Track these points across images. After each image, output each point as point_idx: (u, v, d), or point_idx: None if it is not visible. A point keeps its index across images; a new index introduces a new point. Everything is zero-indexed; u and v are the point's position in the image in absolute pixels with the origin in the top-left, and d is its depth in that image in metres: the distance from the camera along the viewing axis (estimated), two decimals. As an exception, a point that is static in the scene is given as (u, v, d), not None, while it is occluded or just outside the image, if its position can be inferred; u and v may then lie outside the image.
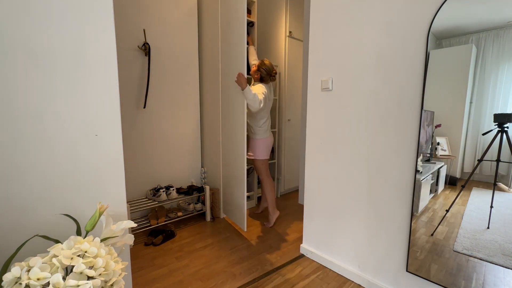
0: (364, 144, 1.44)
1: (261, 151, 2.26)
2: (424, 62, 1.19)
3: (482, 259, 1.08)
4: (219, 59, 2.25)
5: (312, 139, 1.73)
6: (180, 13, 2.33)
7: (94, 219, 0.76)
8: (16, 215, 0.79)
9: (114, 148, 0.96)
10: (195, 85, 2.51)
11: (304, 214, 1.83)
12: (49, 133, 0.83)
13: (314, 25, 1.65)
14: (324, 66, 1.61)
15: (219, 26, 2.22)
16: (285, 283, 1.52)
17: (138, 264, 1.70)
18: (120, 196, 0.99)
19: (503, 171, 1.04)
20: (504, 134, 1.01)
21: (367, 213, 1.46)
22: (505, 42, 1.00)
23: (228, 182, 2.45)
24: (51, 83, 0.82)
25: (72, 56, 0.85)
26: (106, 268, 0.65)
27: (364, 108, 1.42)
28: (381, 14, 1.32)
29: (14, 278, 0.58)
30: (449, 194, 1.19)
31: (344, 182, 1.56)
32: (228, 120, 2.34)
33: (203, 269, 1.65)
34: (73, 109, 0.86)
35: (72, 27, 0.85)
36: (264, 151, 2.27)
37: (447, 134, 1.18)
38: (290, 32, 2.90)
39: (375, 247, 1.44)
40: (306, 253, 1.83)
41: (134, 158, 2.17)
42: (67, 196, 0.87)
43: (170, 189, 2.18)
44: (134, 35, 2.08)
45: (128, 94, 2.09)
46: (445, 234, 1.18)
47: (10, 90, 0.76)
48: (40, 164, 0.82)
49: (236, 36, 1.94)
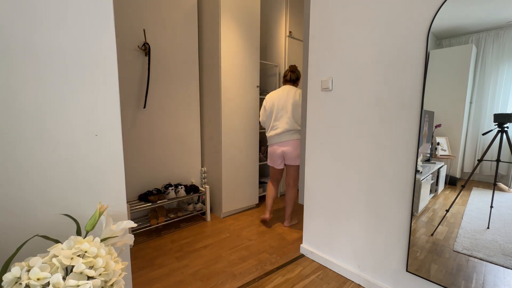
0: (364, 144, 1.44)
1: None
2: (424, 62, 1.19)
3: (482, 259, 1.08)
4: (219, 59, 2.25)
5: (312, 139, 1.73)
6: (180, 13, 2.33)
7: (94, 219, 0.76)
8: (16, 215, 0.79)
9: (114, 148, 0.96)
10: (195, 84, 2.51)
11: (304, 214, 1.83)
12: (49, 133, 0.83)
13: (314, 25, 1.65)
14: (324, 66, 1.61)
15: (219, 26, 2.22)
16: (285, 283, 1.52)
17: (138, 264, 1.70)
18: (120, 196, 0.99)
19: (503, 171, 1.04)
20: (504, 134, 1.01)
21: (367, 213, 1.46)
22: (505, 42, 1.00)
23: (230, 181, 2.46)
24: (51, 83, 0.82)
25: (72, 56, 0.85)
26: (106, 268, 0.65)
27: (364, 108, 1.42)
28: (381, 14, 1.32)
29: (14, 278, 0.58)
30: (449, 194, 1.19)
31: (344, 182, 1.56)
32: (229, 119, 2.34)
33: (203, 269, 1.65)
34: (73, 109, 0.86)
35: (72, 27, 0.84)
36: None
37: (447, 134, 1.18)
38: (290, 32, 2.90)
39: (375, 247, 1.44)
40: (306, 253, 1.83)
41: (134, 158, 2.17)
42: (67, 196, 0.87)
43: (169, 188, 2.18)
44: (134, 35, 2.08)
45: (128, 94, 2.09)
46: (445, 234, 1.18)
47: (10, 90, 0.76)
48: (40, 164, 0.82)
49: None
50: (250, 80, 2.52)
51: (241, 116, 2.48)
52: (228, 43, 2.30)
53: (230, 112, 2.39)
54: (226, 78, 2.32)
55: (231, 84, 2.37)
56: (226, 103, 2.34)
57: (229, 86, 2.35)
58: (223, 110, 2.33)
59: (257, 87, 2.58)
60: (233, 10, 2.30)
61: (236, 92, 2.42)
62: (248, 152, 2.58)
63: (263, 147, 3.02)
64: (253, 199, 2.71)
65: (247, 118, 2.54)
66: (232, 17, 2.30)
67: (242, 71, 2.44)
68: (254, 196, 2.71)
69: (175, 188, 2.20)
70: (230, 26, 2.29)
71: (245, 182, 2.59)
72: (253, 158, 2.64)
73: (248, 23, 2.43)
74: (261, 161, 2.86)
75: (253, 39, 2.50)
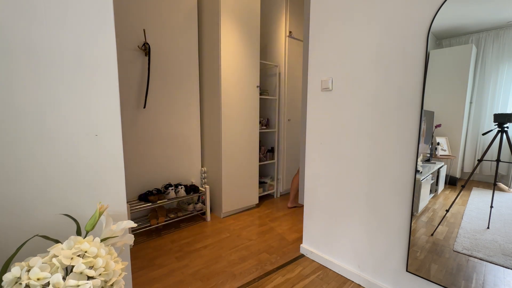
0: (364, 144, 1.44)
1: None
2: (424, 62, 1.19)
3: (482, 259, 1.08)
4: (219, 59, 2.25)
5: (312, 139, 1.73)
6: (180, 13, 2.33)
7: (94, 219, 0.76)
8: (16, 215, 0.79)
9: (114, 148, 0.96)
10: (195, 84, 2.51)
11: (304, 214, 1.83)
12: (49, 133, 0.83)
13: (314, 25, 1.65)
14: (324, 66, 1.61)
15: (219, 26, 2.22)
16: (285, 283, 1.52)
17: (138, 264, 1.70)
18: (120, 196, 0.99)
19: (503, 171, 1.04)
20: (504, 134, 1.01)
21: (367, 213, 1.46)
22: (505, 42, 1.00)
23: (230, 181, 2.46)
24: (51, 83, 0.82)
25: (72, 56, 0.85)
26: (106, 268, 0.65)
27: (364, 108, 1.42)
28: (381, 14, 1.32)
29: (14, 278, 0.58)
30: (449, 194, 1.19)
31: (344, 182, 1.56)
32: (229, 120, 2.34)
33: (203, 269, 1.65)
34: (73, 109, 0.86)
35: (72, 27, 0.85)
36: None
37: (447, 134, 1.17)
38: (290, 32, 2.90)
39: (375, 247, 1.44)
40: (306, 253, 1.83)
41: (134, 158, 2.17)
42: (67, 196, 0.87)
43: (169, 188, 2.18)
44: (134, 35, 2.08)
45: (128, 94, 2.09)
46: (445, 234, 1.18)
47: (10, 90, 0.76)
48: (40, 164, 0.82)
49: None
50: (250, 80, 2.52)
51: (241, 116, 2.48)
52: (228, 43, 2.30)
53: (230, 112, 2.39)
54: (226, 78, 2.32)
55: (231, 84, 2.37)
56: (226, 103, 2.34)
57: (229, 86, 2.35)
58: (223, 110, 2.33)
59: (257, 87, 2.58)
60: (233, 10, 2.30)
61: (236, 92, 2.42)
62: (248, 152, 2.58)
63: (263, 147, 3.02)
64: (253, 199, 2.71)
65: (247, 118, 2.54)
66: (232, 17, 2.30)
67: (242, 71, 2.44)
68: (254, 196, 2.71)
69: (175, 188, 2.21)
70: (230, 26, 2.29)
71: (245, 182, 2.59)
72: (253, 158, 2.64)
73: (248, 23, 2.43)
74: (261, 161, 2.86)
75: (253, 39, 2.50)
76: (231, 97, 2.38)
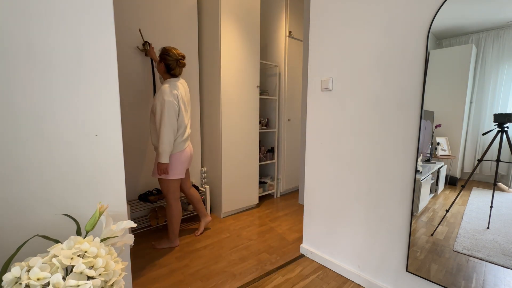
0: (364, 144, 1.44)
1: (176, 168, 1.76)
2: (424, 62, 1.19)
3: (482, 259, 1.08)
4: (219, 59, 2.25)
5: (312, 139, 1.73)
6: (180, 13, 2.33)
7: (94, 219, 0.76)
8: (16, 215, 0.79)
9: (114, 148, 0.96)
10: (195, 84, 2.51)
11: (304, 214, 1.83)
12: (49, 133, 0.83)
13: (314, 25, 1.65)
14: (324, 66, 1.61)
15: (219, 26, 2.22)
16: (285, 283, 1.52)
17: (138, 264, 1.70)
18: (120, 196, 0.99)
19: (503, 171, 1.04)
20: (504, 134, 1.01)
21: (367, 213, 1.46)
22: (505, 42, 1.00)
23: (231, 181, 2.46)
24: (51, 83, 0.82)
25: (72, 56, 0.85)
26: (106, 268, 0.65)
27: (364, 108, 1.42)
28: (381, 14, 1.32)
29: (14, 278, 0.58)
30: (449, 194, 1.19)
31: (344, 182, 1.56)
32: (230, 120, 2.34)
33: (203, 269, 1.65)
34: (73, 109, 0.86)
35: (72, 27, 0.84)
36: (179, 168, 1.77)
37: (447, 134, 1.18)
38: (290, 32, 2.90)
39: (375, 247, 1.44)
40: (306, 253, 1.83)
41: (135, 158, 2.17)
42: (67, 196, 0.87)
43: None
44: (134, 35, 2.08)
45: (128, 94, 2.09)
46: (445, 234, 1.18)
47: (10, 90, 0.76)
48: (40, 164, 0.82)
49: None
50: (250, 80, 2.52)
51: (241, 116, 2.48)
52: (228, 43, 2.30)
53: (230, 112, 2.38)
54: (226, 78, 2.32)
55: (231, 84, 2.37)
56: (226, 103, 2.34)
57: (229, 86, 2.35)
58: (223, 110, 2.32)
59: (257, 87, 2.58)
60: (233, 10, 2.30)
61: (236, 92, 2.42)
62: (248, 152, 2.58)
63: (263, 147, 3.02)
64: (253, 199, 2.71)
65: (247, 118, 2.54)
66: (232, 17, 2.30)
67: (242, 71, 2.44)
68: (254, 196, 2.71)
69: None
70: (230, 26, 2.29)
71: (245, 182, 2.59)
72: (253, 158, 2.64)
73: (248, 23, 2.43)
74: (261, 161, 2.86)
75: (253, 39, 2.50)
76: (231, 97, 2.38)
